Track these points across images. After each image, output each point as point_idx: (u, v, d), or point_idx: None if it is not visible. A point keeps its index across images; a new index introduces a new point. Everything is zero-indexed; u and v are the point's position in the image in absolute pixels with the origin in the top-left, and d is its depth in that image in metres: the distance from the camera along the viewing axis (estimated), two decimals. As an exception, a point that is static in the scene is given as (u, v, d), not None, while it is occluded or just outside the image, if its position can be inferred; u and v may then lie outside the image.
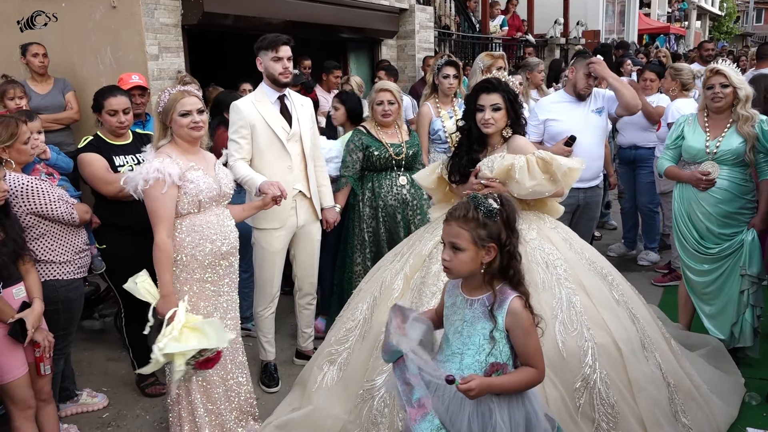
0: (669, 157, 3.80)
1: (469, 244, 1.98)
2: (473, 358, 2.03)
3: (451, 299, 2.15)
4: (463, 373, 2.00)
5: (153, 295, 2.74)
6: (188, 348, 2.57)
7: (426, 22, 8.35)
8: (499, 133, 3.02)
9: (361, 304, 3.06)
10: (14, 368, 2.60)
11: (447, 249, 2.03)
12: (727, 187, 3.54)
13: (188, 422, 2.90)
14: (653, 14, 23.87)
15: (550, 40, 12.55)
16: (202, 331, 2.63)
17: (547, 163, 2.83)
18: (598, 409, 2.51)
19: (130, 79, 4.27)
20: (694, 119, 3.70)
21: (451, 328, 2.11)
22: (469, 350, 2.04)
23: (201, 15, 5.28)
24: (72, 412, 3.45)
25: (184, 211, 2.81)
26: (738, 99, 3.49)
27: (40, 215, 2.88)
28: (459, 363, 2.05)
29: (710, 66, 3.63)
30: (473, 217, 1.98)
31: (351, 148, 4.00)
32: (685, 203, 3.70)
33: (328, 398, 2.91)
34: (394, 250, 3.31)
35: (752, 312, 3.57)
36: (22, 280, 2.71)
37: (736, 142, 3.49)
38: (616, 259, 5.67)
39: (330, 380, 2.96)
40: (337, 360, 2.98)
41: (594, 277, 2.85)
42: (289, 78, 3.46)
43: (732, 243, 3.55)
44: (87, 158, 3.32)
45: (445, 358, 2.10)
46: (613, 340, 2.63)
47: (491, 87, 2.97)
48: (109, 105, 3.35)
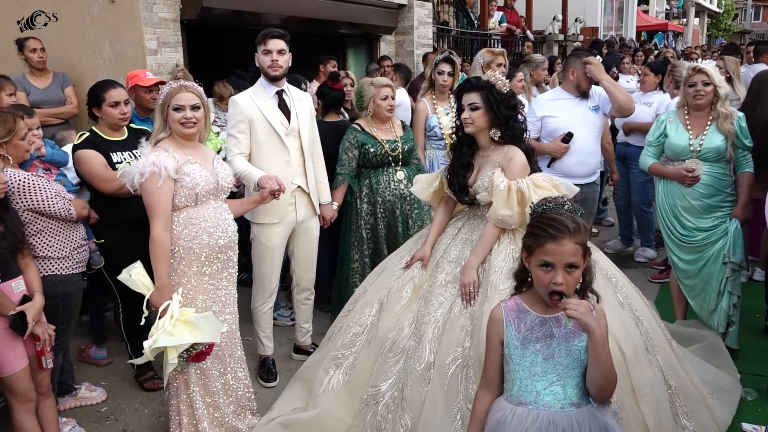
0: (652, 153, 3.92)
1: (581, 258, 1.80)
2: (574, 378, 1.83)
3: (518, 325, 1.90)
4: (577, 401, 1.81)
5: (147, 287, 2.75)
6: (181, 342, 2.58)
7: (424, 18, 8.35)
8: (484, 134, 2.91)
9: (368, 309, 3.05)
10: (14, 361, 2.61)
11: (560, 271, 1.78)
12: (710, 182, 3.69)
13: (187, 415, 2.92)
14: (651, 11, 23.86)
15: (548, 37, 12.55)
16: (196, 325, 2.63)
17: (524, 197, 2.73)
18: None
19: (146, 75, 4.11)
20: (675, 117, 3.82)
21: (539, 357, 1.86)
22: (568, 372, 1.85)
23: (200, 10, 5.28)
24: (70, 406, 3.46)
25: (181, 204, 2.81)
26: (718, 97, 3.64)
27: (37, 211, 2.88)
28: (563, 390, 1.83)
29: (692, 64, 3.75)
30: (583, 226, 1.80)
31: (346, 146, 3.99)
32: (669, 197, 3.84)
33: (333, 402, 2.93)
34: (398, 252, 3.28)
35: (729, 299, 3.70)
36: (21, 273, 2.72)
37: (718, 140, 3.64)
38: (613, 256, 5.69)
39: (336, 384, 2.97)
40: (344, 364, 2.99)
41: (598, 279, 2.81)
42: (277, 71, 3.44)
43: (715, 231, 3.71)
44: (84, 155, 3.28)
45: (539, 395, 1.84)
46: (618, 345, 2.59)
47: (469, 86, 2.92)
48: (111, 97, 3.33)
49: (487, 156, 2.95)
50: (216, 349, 2.95)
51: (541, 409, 1.84)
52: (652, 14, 23.61)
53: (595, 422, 1.83)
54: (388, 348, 2.88)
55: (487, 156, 2.95)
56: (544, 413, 1.83)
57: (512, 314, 1.93)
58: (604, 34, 16.58)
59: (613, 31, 18.72)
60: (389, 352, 2.86)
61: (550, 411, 1.83)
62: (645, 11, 22.88)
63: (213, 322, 2.68)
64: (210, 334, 2.64)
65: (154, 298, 2.72)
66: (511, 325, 1.91)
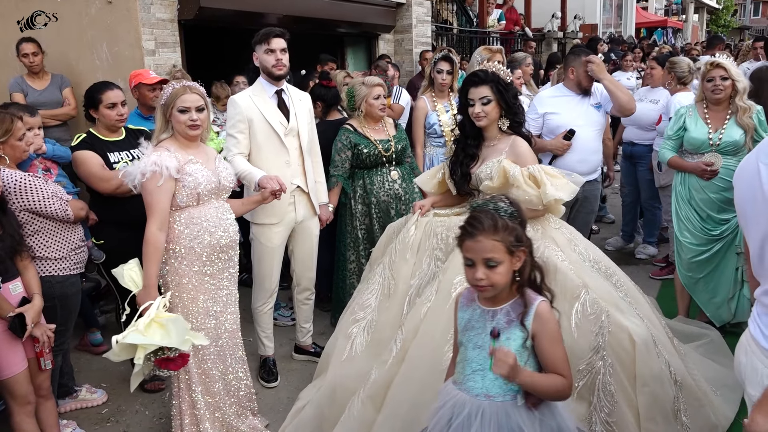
0: (670, 147, 3.96)
1: (504, 255, 1.84)
2: (494, 375, 1.89)
3: (466, 314, 2.01)
4: (494, 394, 1.89)
5: (136, 284, 2.74)
6: (148, 342, 2.52)
7: (423, 16, 8.33)
8: (494, 125, 2.98)
9: (378, 268, 3.04)
10: (14, 364, 2.60)
11: (480, 268, 1.84)
12: (728, 175, 3.71)
13: (189, 416, 2.91)
14: (650, 8, 23.82)
15: (547, 34, 12.51)
16: (166, 328, 2.58)
17: (537, 182, 2.77)
18: (598, 395, 2.51)
19: (149, 74, 4.12)
20: (694, 111, 3.86)
21: (470, 344, 1.96)
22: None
23: (197, 10, 5.26)
24: (71, 408, 3.46)
25: (182, 203, 2.81)
26: (736, 91, 3.68)
27: (34, 212, 2.87)
28: (482, 380, 1.92)
29: (710, 59, 3.79)
30: (503, 224, 1.84)
31: (339, 147, 3.97)
32: (687, 188, 3.88)
33: (364, 362, 2.85)
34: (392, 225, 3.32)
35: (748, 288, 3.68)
36: (20, 275, 2.70)
37: (737, 133, 3.69)
38: (614, 253, 5.69)
39: (360, 345, 2.91)
40: (362, 324, 2.95)
41: (599, 278, 2.83)
42: (282, 70, 3.44)
43: (730, 225, 3.77)
44: (81, 156, 3.30)
45: (465, 378, 1.95)
46: (629, 333, 2.59)
47: (478, 80, 2.93)
48: (108, 98, 3.34)
49: (492, 146, 2.99)
50: (218, 349, 2.95)
51: (462, 392, 1.95)
52: (651, 11, 23.57)
53: (505, 417, 1.88)
54: (414, 295, 2.85)
55: (492, 146, 2.99)
56: (461, 395, 1.95)
57: (465, 300, 2.05)
58: (603, 31, 16.56)
59: (612, 28, 18.70)
60: (416, 298, 2.82)
61: (468, 395, 1.93)
62: (644, 8, 22.85)
63: (181, 328, 2.60)
64: (176, 340, 2.55)
65: (139, 297, 2.71)
66: (461, 310, 2.05)
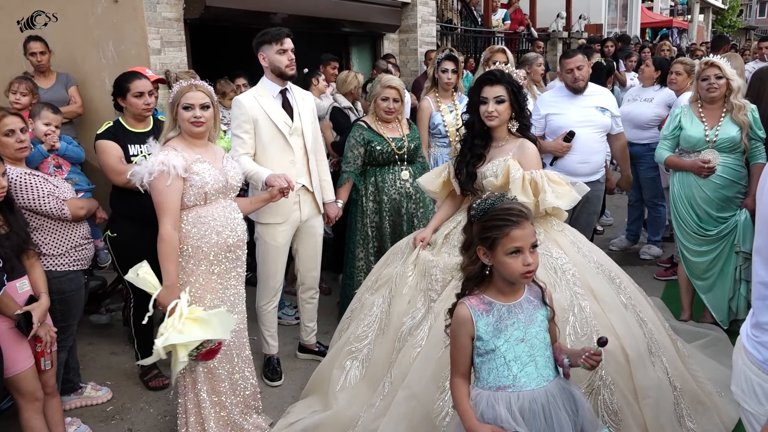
0: (667, 146, 4.01)
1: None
2: (543, 356, 2.00)
3: (490, 319, 1.99)
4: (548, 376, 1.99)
5: (154, 286, 2.74)
6: (191, 339, 2.56)
7: (428, 16, 8.33)
8: (504, 126, 2.96)
9: (377, 299, 3.05)
10: (20, 361, 2.62)
11: (528, 252, 1.93)
12: (725, 173, 3.79)
13: (194, 414, 2.92)
14: (656, 8, 23.76)
15: (552, 34, 12.49)
16: (207, 322, 2.61)
17: (537, 188, 2.79)
18: (602, 415, 2.48)
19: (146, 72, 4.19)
20: (689, 110, 3.92)
21: (511, 341, 1.98)
22: (538, 351, 1.99)
23: (203, 9, 5.28)
24: (76, 406, 3.47)
25: (190, 203, 2.82)
26: (731, 90, 3.74)
27: (28, 209, 2.89)
28: (535, 369, 1.98)
29: (705, 59, 3.84)
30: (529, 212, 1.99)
31: (352, 144, 3.98)
32: (686, 188, 3.91)
33: (354, 396, 2.90)
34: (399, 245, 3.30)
35: (746, 286, 3.80)
36: (26, 273, 2.72)
37: (733, 130, 3.74)
38: (619, 254, 5.68)
39: (353, 378, 2.95)
40: (359, 357, 2.97)
41: (602, 280, 2.81)
42: (294, 70, 3.46)
43: (728, 224, 3.82)
44: (102, 146, 3.37)
45: (515, 378, 1.97)
46: (621, 346, 2.58)
47: (494, 79, 2.92)
48: (135, 87, 3.39)
49: (500, 147, 2.98)
50: (224, 348, 2.94)
51: (520, 391, 1.96)
52: (656, 11, 23.52)
53: (564, 392, 2.00)
54: (405, 333, 2.85)
55: (500, 147, 2.98)
56: (524, 393, 1.96)
57: (480, 308, 2.01)
58: (608, 31, 16.52)
59: (617, 28, 18.65)
60: (408, 337, 2.83)
61: (528, 390, 1.96)
62: (649, 8, 22.79)
63: (224, 318, 2.66)
64: (221, 331, 2.62)
65: (161, 297, 2.71)
66: (480, 318, 1.99)
